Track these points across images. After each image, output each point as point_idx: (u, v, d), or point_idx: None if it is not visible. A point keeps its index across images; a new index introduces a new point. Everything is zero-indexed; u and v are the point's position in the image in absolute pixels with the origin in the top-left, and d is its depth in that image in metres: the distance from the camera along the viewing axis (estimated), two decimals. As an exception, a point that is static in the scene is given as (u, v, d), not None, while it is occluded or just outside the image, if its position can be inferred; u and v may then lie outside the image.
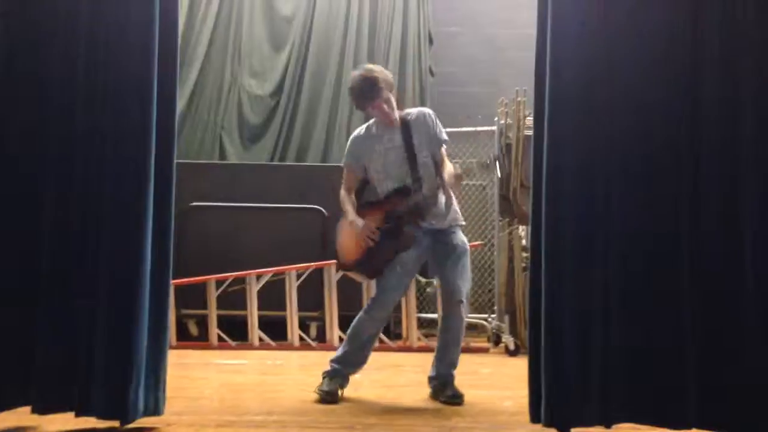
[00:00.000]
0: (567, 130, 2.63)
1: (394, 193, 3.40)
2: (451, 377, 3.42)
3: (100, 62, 2.66)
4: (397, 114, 3.44)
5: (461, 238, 3.48)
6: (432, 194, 3.35)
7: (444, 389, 3.38)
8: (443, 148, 3.46)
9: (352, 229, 3.42)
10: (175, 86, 2.75)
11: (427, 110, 3.52)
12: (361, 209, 3.47)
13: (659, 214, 2.65)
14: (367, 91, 3.36)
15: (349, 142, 3.57)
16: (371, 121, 3.54)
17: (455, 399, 3.32)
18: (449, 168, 3.39)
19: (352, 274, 3.65)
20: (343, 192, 3.54)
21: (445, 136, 3.49)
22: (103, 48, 2.66)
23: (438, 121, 3.48)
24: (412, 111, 3.51)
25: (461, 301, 3.38)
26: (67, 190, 2.65)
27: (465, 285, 3.42)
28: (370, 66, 3.56)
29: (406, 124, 3.42)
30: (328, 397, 3.31)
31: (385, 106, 3.39)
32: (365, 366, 3.52)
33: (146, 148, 2.63)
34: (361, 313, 3.47)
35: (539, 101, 2.70)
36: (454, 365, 3.44)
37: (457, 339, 3.44)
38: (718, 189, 2.65)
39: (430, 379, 3.48)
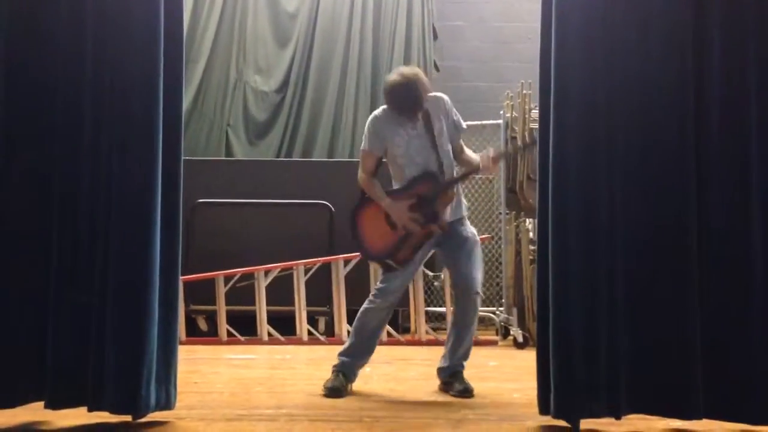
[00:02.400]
0: (573, 122, 2.63)
1: (420, 178, 3.35)
2: (461, 369, 3.42)
3: (106, 59, 2.67)
4: None
5: (471, 229, 3.48)
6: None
7: (453, 382, 3.38)
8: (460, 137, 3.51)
9: (385, 214, 3.33)
10: (181, 82, 2.76)
11: (441, 96, 3.50)
12: (387, 195, 3.38)
13: (665, 206, 2.65)
14: (412, 104, 3.34)
15: (369, 124, 3.45)
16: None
17: (466, 393, 3.32)
18: (473, 155, 3.46)
19: (380, 264, 3.50)
20: (364, 175, 3.42)
21: (464, 125, 3.52)
22: (110, 45, 2.66)
23: (454, 108, 3.49)
24: (428, 97, 3.42)
25: (478, 293, 3.38)
26: (75, 188, 2.66)
27: (479, 276, 3.42)
28: (408, 72, 3.41)
29: (426, 113, 3.39)
30: (333, 393, 3.31)
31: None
32: (372, 358, 3.51)
33: (153, 144, 2.64)
34: (366, 304, 3.43)
35: (545, 94, 2.70)
36: (466, 357, 3.44)
37: (472, 331, 3.44)
38: (726, 180, 2.65)
39: (440, 370, 3.46)
